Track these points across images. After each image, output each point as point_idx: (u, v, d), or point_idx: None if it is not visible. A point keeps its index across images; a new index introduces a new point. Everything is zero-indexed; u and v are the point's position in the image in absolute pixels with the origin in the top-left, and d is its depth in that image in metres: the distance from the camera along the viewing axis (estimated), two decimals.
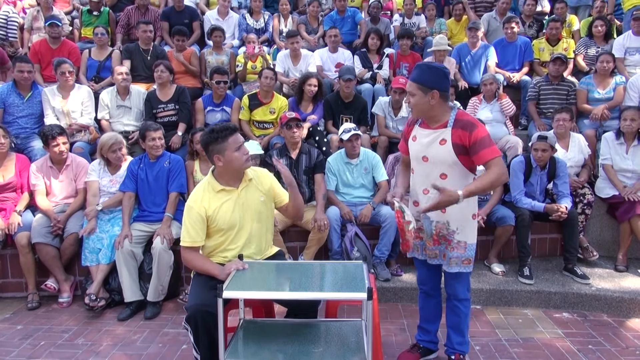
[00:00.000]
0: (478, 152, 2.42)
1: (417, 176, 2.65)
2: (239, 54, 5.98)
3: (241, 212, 2.62)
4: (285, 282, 2.30)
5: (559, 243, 4.32)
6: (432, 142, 2.53)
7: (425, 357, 2.96)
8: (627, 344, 3.20)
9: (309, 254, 3.96)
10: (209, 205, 2.58)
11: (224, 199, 2.60)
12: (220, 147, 2.54)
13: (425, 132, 2.57)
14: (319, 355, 2.18)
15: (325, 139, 4.80)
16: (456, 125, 2.47)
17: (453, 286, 2.71)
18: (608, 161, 4.35)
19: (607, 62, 5.00)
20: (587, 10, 7.07)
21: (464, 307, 2.73)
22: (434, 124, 2.55)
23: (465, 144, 2.44)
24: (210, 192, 2.61)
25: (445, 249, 2.64)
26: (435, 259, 2.69)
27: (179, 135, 4.72)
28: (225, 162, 2.56)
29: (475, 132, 2.41)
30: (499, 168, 2.42)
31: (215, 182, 2.62)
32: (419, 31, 6.65)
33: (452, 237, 2.60)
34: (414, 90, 2.49)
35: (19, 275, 3.95)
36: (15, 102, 4.66)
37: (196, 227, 2.56)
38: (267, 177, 2.77)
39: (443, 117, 2.52)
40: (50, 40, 5.49)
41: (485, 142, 2.41)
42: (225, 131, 2.54)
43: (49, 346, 3.22)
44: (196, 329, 2.39)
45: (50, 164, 4.02)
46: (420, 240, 2.72)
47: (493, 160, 2.41)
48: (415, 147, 2.61)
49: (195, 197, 2.60)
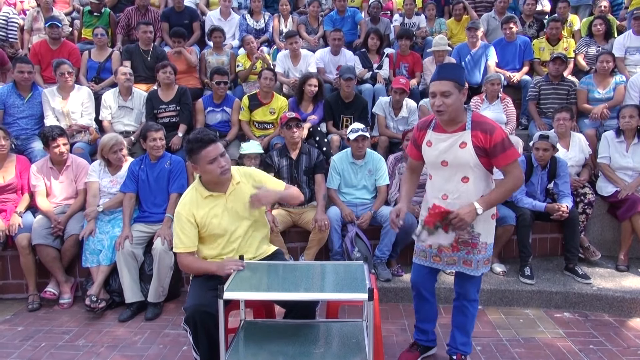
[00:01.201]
0: (498, 155, 2.40)
1: (435, 182, 2.58)
2: (239, 55, 5.98)
3: (230, 216, 2.61)
4: (287, 283, 2.29)
5: (559, 243, 4.32)
6: (452, 146, 2.46)
7: (425, 354, 2.97)
8: (629, 343, 3.19)
9: (310, 255, 3.95)
10: (197, 211, 2.57)
11: (212, 205, 2.59)
12: (195, 158, 2.53)
13: (443, 137, 2.50)
14: (320, 356, 2.17)
15: (325, 139, 4.80)
16: (475, 128, 2.42)
17: (465, 287, 2.68)
18: (605, 160, 4.35)
19: (607, 61, 5.00)
20: (587, 10, 7.07)
21: (473, 308, 2.72)
22: (452, 127, 2.48)
23: (486, 147, 2.41)
24: (198, 198, 2.60)
25: (466, 255, 2.57)
26: (454, 265, 2.62)
27: (179, 136, 4.72)
28: (201, 171, 2.56)
29: (496, 134, 2.38)
30: (518, 172, 2.43)
31: (203, 188, 2.61)
32: (419, 31, 6.64)
33: (478, 240, 2.55)
34: (451, 89, 2.37)
35: (19, 276, 3.95)
36: (15, 103, 4.66)
37: (186, 233, 2.55)
38: (256, 176, 2.73)
39: (461, 118, 2.46)
40: (50, 41, 5.49)
41: (505, 144, 2.40)
42: (199, 143, 2.49)
43: (50, 347, 3.22)
44: (195, 330, 2.39)
45: (50, 165, 4.02)
46: (429, 247, 2.65)
47: (513, 163, 2.41)
48: (432, 153, 2.54)
49: (184, 203, 2.60)
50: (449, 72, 2.42)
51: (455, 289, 2.77)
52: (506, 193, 2.46)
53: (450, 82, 2.39)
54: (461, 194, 2.48)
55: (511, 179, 2.43)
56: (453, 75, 2.41)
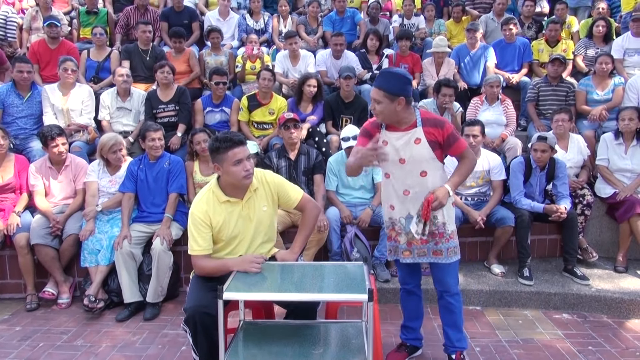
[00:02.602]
0: (452, 145, 2.58)
1: (394, 179, 2.66)
2: (238, 55, 5.97)
3: (243, 224, 2.58)
4: (286, 283, 2.29)
5: (558, 244, 4.32)
6: (407, 143, 2.58)
7: (413, 355, 2.99)
8: (627, 345, 3.20)
9: (309, 255, 3.95)
10: (214, 216, 2.52)
11: (228, 210, 2.54)
12: (220, 157, 2.48)
13: (396, 135, 2.60)
14: (319, 356, 2.17)
15: (324, 139, 4.80)
16: (426, 124, 2.57)
17: (444, 281, 2.72)
18: (603, 162, 4.36)
19: (606, 63, 5.00)
20: (586, 12, 7.09)
21: (457, 301, 2.74)
22: (402, 125, 2.60)
23: (439, 140, 2.57)
24: (214, 202, 2.53)
25: (435, 245, 2.64)
26: (424, 256, 2.68)
27: (179, 136, 4.71)
28: (224, 172, 2.51)
29: (446, 127, 2.57)
30: (472, 155, 2.66)
31: (221, 192, 2.55)
32: (418, 32, 6.65)
33: (444, 230, 2.63)
34: (380, 97, 2.50)
35: (17, 276, 3.93)
36: (14, 103, 4.65)
37: (203, 235, 2.50)
38: (272, 183, 2.67)
39: (410, 118, 2.59)
40: (49, 41, 5.48)
41: (455, 135, 2.59)
42: (227, 143, 2.45)
43: (48, 347, 3.21)
44: (195, 331, 2.37)
45: (49, 165, 4.01)
46: (398, 243, 2.71)
47: (465, 150, 2.62)
48: (389, 151, 2.59)
49: (200, 204, 2.53)
50: (382, 81, 2.52)
51: (436, 288, 2.79)
52: (467, 174, 2.67)
53: (380, 91, 2.50)
54: (422, 187, 2.59)
55: (468, 162, 2.64)
56: (386, 85, 2.50)
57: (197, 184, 4.12)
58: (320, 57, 5.82)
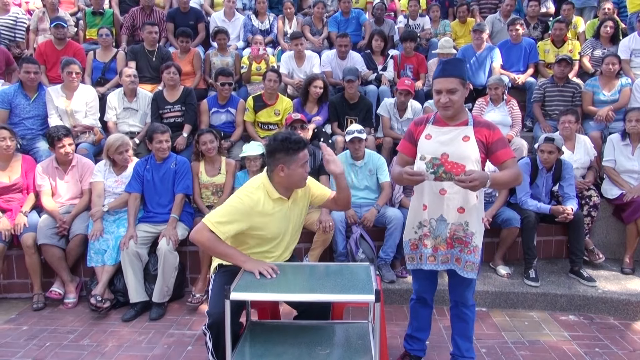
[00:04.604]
0: (497, 151, 2.43)
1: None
2: (243, 56, 5.99)
3: (286, 223, 2.57)
4: (293, 284, 2.29)
5: (564, 245, 4.31)
6: (454, 139, 2.45)
7: None
8: (634, 347, 3.18)
9: (314, 256, 3.95)
10: (264, 211, 2.47)
11: (277, 209, 2.51)
12: (288, 159, 2.42)
13: (444, 130, 2.49)
14: (325, 357, 2.18)
15: (330, 140, 4.80)
16: (478, 125, 2.47)
17: (462, 293, 2.65)
18: (610, 163, 4.34)
19: (613, 64, 4.98)
20: (592, 12, 7.07)
21: (472, 312, 2.70)
22: (454, 121, 2.49)
23: (488, 142, 2.45)
24: (266, 202, 2.48)
25: (459, 253, 2.54)
26: (447, 263, 2.57)
27: (184, 136, 4.73)
28: (288, 174, 2.45)
29: (497, 131, 2.47)
30: (518, 169, 2.47)
31: (273, 189, 2.49)
32: (424, 32, 6.64)
33: (470, 240, 2.52)
34: (456, 85, 2.39)
35: (24, 276, 3.96)
36: (21, 104, 4.67)
37: (235, 226, 2.40)
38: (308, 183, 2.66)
39: (463, 114, 2.50)
40: (56, 42, 5.51)
41: (505, 141, 2.47)
42: (299, 144, 2.42)
43: (55, 347, 3.22)
44: (217, 336, 2.33)
45: (55, 165, 4.03)
46: (424, 247, 2.59)
47: (511, 160, 2.45)
48: (432, 145, 2.48)
49: (256, 197, 2.45)
50: (454, 69, 2.43)
51: (451, 297, 2.73)
52: (510, 180, 2.43)
53: (456, 79, 2.40)
54: (460, 189, 2.40)
55: (514, 171, 2.42)
56: (458, 71, 2.42)
57: (202, 184, 4.13)
58: (325, 58, 5.82)
